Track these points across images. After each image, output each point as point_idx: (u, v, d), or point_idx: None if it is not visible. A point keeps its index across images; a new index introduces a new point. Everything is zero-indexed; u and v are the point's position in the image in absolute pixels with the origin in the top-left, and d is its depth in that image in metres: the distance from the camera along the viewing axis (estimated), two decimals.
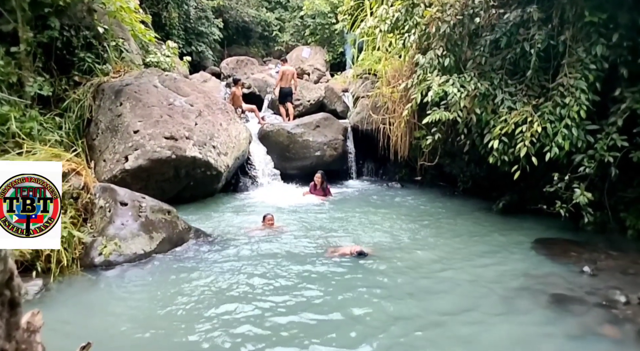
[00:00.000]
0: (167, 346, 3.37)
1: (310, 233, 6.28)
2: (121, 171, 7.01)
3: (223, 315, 3.82)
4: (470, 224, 6.71)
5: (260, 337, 3.44)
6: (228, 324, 3.65)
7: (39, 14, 6.71)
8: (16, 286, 1.40)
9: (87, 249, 5.10)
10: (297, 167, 10.26)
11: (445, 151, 8.41)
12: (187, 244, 5.93)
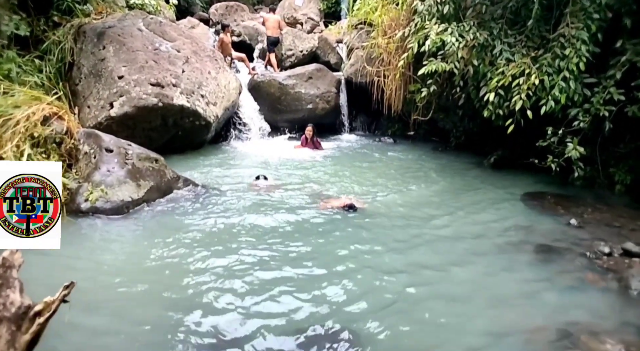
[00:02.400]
0: (152, 296, 3.35)
1: (301, 187, 6.24)
2: (106, 118, 6.80)
3: (210, 266, 3.78)
4: (461, 179, 6.71)
5: (248, 290, 3.40)
6: (215, 275, 3.61)
7: None
8: None
9: (73, 195, 5.02)
10: (289, 120, 10.08)
11: (440, 105, 8.27)
12: (176, 194, 5.85)
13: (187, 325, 2.94)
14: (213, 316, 3.03)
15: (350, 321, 2.97)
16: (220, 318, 3.02)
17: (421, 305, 3.23)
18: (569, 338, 2.88)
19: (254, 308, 3.13)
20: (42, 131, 4.87)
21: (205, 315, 3.04)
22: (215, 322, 2.97)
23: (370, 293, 3.38)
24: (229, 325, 2.94)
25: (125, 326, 2.94)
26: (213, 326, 2.93)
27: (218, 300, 3.25)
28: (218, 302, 3.22)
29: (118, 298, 3.31)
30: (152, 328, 2.90)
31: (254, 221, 4.86)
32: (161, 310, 3.12)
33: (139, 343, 2.76)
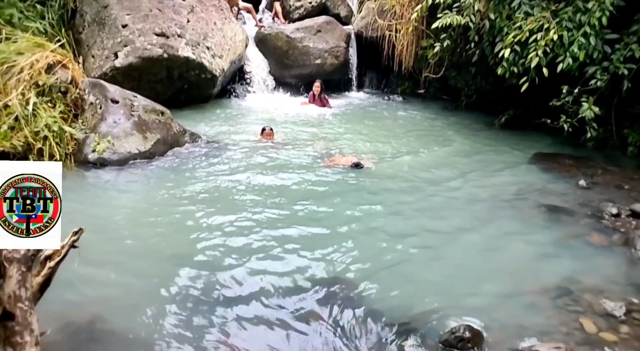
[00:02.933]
0: (156, 250, 3.37)
1: (307, 144, 6.18)
2: (111, 69, 6.67)
3: (214, 222, 3.77)
4: (471, 139, 6.61)
5: (250, 247, 3.39)
6: (219, 231, 3.61)
7: None
8: None
9: (80, 146, 5.03)
10: (296, 76, 9.84)
11: (452, 62, 8.01)
12: (183, 148, 5.85)
13: (191, 280, 2.97)
14: (215, 272, 3.05)
15: (353, 282, 2.98)
16: (223, 274, 3.04)
17: (426, 266, 3.24)
18: (570, 295, 2.93)
19: (256, 266, 3.14)
20: (46, 79, 4.80)
21: (208, 270, 3.07)
22: (218, 278, 2.99)
23: (374, 254, 3.38)
24: (231, 281, 2.96)
25: (128, 279, 2.97)
26: (216, 281, 2.95)
27: (221, 256, 3.27)
28: (221, 258, 3.23)
29: (123, 250, 3.35)
30: (155, 281, 2.94)
31: (259, 177, 4.85)
32: (165, 264, 3.16)
33: (141, 296, 2.80)
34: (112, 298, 2.75)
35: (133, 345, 2.35)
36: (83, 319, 2.47)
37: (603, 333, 2.56)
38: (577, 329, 2.60)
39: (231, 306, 2.74)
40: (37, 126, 4.49)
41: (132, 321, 2.55)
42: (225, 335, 2.49)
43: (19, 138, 4.33)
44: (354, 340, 2.49)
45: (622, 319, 2.67)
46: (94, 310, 2.59)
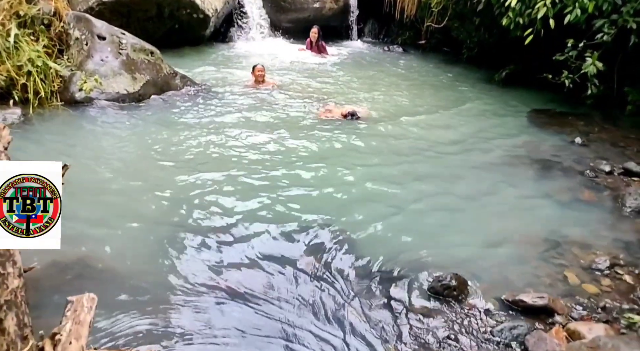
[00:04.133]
0: (146, 191, 3.32)
1: (303, 92, 6.02)
2: (98, 3, 6.33)
3: (205, 167, 3.70)
4: (468, 93, 6.48)
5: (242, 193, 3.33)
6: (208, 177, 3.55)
7: None
8: None
9: (66, 84, 4.84)
10: (293, 20, 9.44)
11: (456, 11, 7.69)
12: (175, 92, 5.67)
13: (181, 223, 2.95)
14: (207, 217, 3.02)
15: (345, 231, 2.98)
16: (214, 219, 3.01)
17: (417, 219, 3.24)
18: (557, 248, 2.97)
19: (248, 215, 3.09)
20: (28, 9, 4.50)
21: (199, 215, 3.04)
22: (210, 223, 2.97)
23: (367, 202, 3.37)
24: (223, 226, 2.94)
25: (117, 220, 2.93)
26: (207, 227, 2.93)
27: (211, 200, 3.23)
28: (211, 204, 3.18)
29: (111, 191, 3.30)
30: (144, 224, 2.91)
31: (251, 125, 4.74)
32: (153, 207, 3.12)
33: (130, 238, 2.78)
34: (100, 237, 2.73)
35: (123, 284, 2.35)
36: (71, 256, 2.46)
37: (586, 284, 2.62)
38: (561, 281, 2.66)
39: (223, 250, 2.74)
40: (20, 60, 4.28)
41: (122, 261, 2.55)
42: (218, 276, 2.50)
43: (1, 72, 4.13)
44: (341, 283, 2.53)
45: (606, 273, 2.73)
46: (82, 248, 2.58)
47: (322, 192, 3.47)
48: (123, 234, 2.81)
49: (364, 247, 2.85)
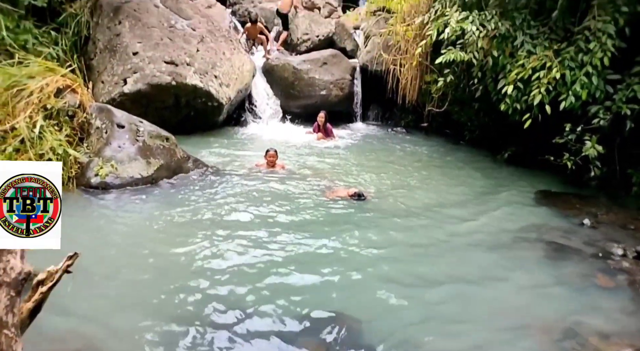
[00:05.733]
0: (155, 273, 3.34)
1: (310, 174, 6.19)
2: (120, 95, 6.79)
3: (214, 249, 3.75)
4: (473, 174, 6.59)
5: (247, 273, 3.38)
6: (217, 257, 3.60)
7: None
8: None
9: (84, 169, 5.05)
10: (301, 106, 9.99)
11: (456, 97, 8.11)
12: (186, 174, 5.86)
13: (184, 307, 2.93)
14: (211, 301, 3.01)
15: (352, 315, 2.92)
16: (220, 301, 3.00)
17: (426, 302, 3.16)
18: (576, 338, 2.82)
19: (252, 296, 3.08)
20: (55, 102, 4.87)
21: (203, 299, 3.02)
22: (214, 305, 2.94)
23: (373, 287, 3.31)
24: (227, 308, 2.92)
25: (123, 306, 2.91)
26: (212, 309, 2.91)
27: (218, 282, 3.23)
28: (217, 283, 3.20)
29: (118, 276, 3.30)
30: (150, 309, 2.89)
31: (260, 206, 4.83)
32: (160, 292, 3.10)
33: (136, 324, 2.73)
34: (105, 324, 2.68)
35: None
36: (74, 347, 2.39)
37: None
38: None
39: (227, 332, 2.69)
40: (42, 148, 4.53)
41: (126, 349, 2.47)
42: None
43: (23, 160, 4.34)
44: None
45: None
46: (87, 337, 2.51)
47: (327, 277, 3.42)
48: (128, 321, 2.75)
49: (371, 335, 2.74)
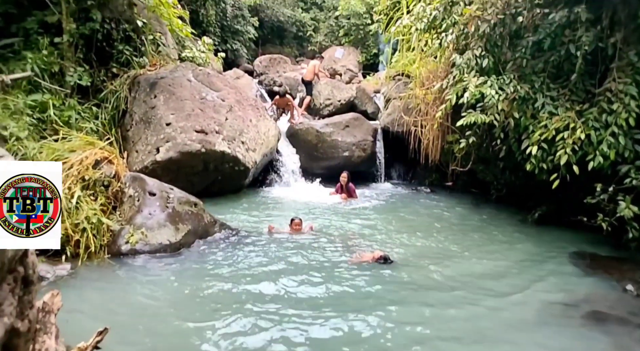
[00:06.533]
0: (183, 342, 3.30)
1: (335, 236, 6.16)
2: (152, 163, 7.12)
3: (240, 314, 3.73)
4: (503, 235, 6.41)
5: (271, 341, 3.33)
6: (244, 324, 3.56)
7: (83, 6, 6.91)
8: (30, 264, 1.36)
9: (115, 237, 5.19)
10: (325, 167, 10.17)
11: (479, 156, 8.11)
12: (212, 238, 5.94)
13: None
14: None
15: None
16: None
17: None
18: None
19: None
20: (92, 174, 5.14)
21: None
22: None
23: None
24: None
25: None
26: None
27: None
28: None
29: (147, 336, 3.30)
30: None
31: (285, 270, 4.79)
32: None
33: None
34: None
35: None
36: None
37: None
38: None
39: None
40: (78, 218, 4.71)
41: None
42: None
43: None
44: None
45: None
46: None
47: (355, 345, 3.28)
48: None
49: None
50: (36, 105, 5.85)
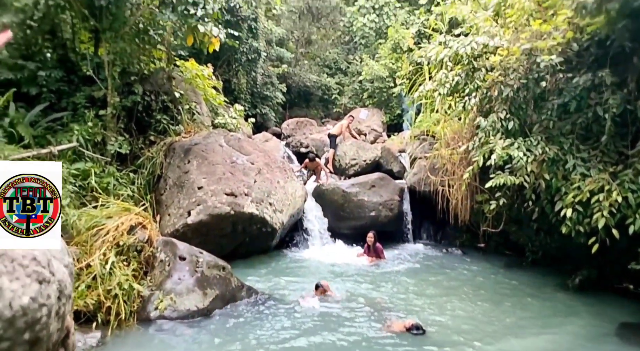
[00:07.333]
0: None
1: (363, 301, 5.99)
2: (183, 225, 7.27)
3: None
4: (542, 303, 6.06)
5: None
6: None
7: (127, 81, 7.52)
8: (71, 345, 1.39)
9: (145, 303, 5.21)
10: (352, 227, 10.10)
11: (511, 217, 7.91)
12: (239, 303, 5.88)
13: None
14: None
15: None
16: None
17: None
18: None
19: None
20: (126, 239, 5.29)
21: None
22: None
23: None
24: None
25: None
26: None
27: None
28: None
29: None
30: None
31: (312, 338, 4.67)
32: None
33: None
34: None
35: None
36: None
37: None
38: None
39: None
40: (111, 284, 4.79)
41: None
42: None
43: (93, 297, 4.59)
44: None
45: None
46: None
47: None
48: None
49: None
50: (79, 173, 6.20)
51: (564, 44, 6.09)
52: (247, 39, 14.11)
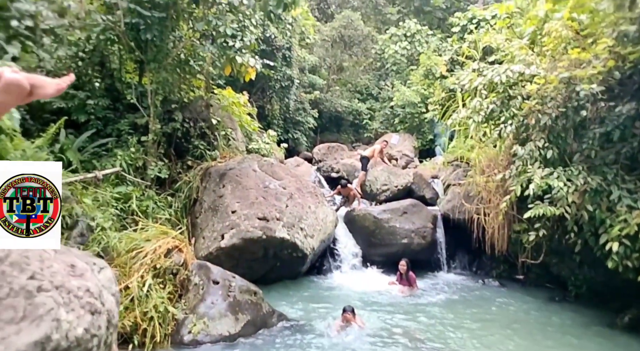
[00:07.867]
0: None
1: (393, 334, 5.84)
2: (217, 249, 7.39)
3: None
4: (589, 343, 5.71)
5: None
6: None
7: (167, 109, 7.87)
8: None
9: (179, 326, 5.28)
10: (383, 254, 9.94)
11: (552, 248, 7.59)
12: (270, 330, 5.87)
13: None
14: None
15: None
16: None
17: None
18: None
19: None
20: (163, 262, 5.42)
21: None
22: None
23: None
24: None
25: None
26: None
27: None
28: None
29: None
30: None
31: None
32: None
33: None
34: None
35: None
36: None
37: None
38: None
39: None
40: (147, 306, 4.89)
41: None
42: None
43: (130, 318, 4.70)
44: None
45: None
46: None
47: None
48: None
49: None
50: (120, 197, 6.47)
51: (605, 73, 5.94)
52: (281, 67, 14.56)
